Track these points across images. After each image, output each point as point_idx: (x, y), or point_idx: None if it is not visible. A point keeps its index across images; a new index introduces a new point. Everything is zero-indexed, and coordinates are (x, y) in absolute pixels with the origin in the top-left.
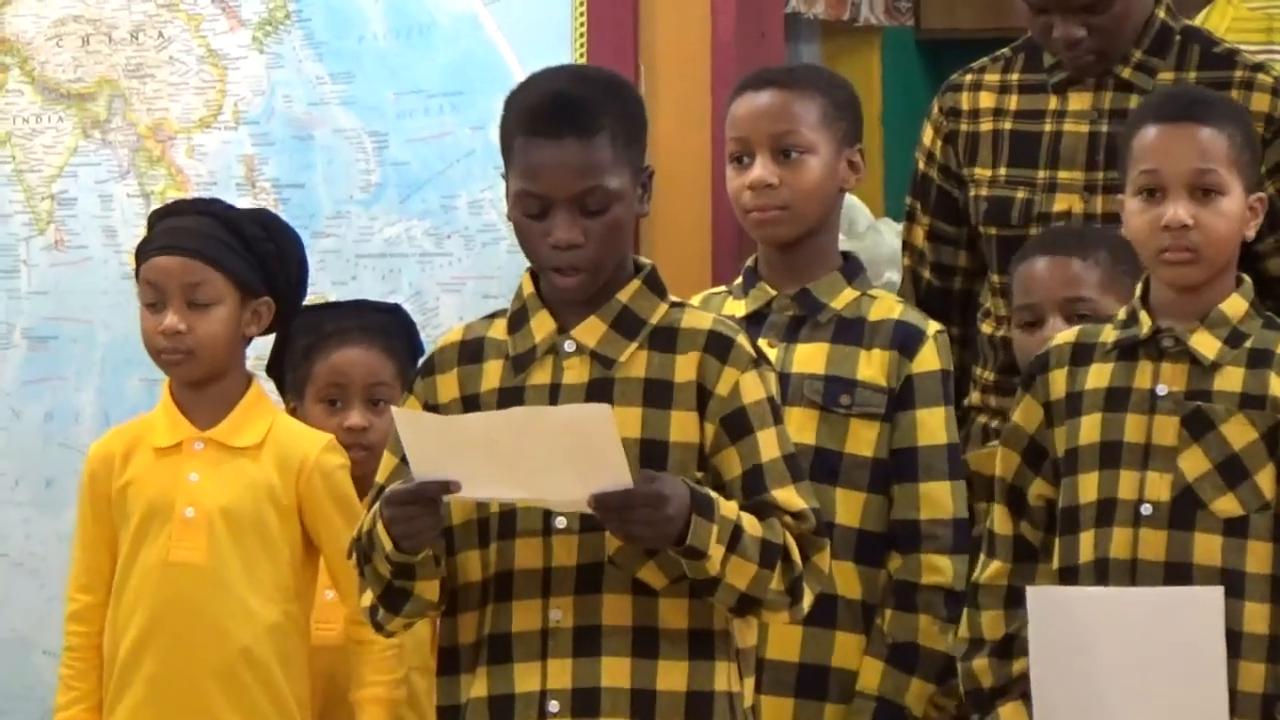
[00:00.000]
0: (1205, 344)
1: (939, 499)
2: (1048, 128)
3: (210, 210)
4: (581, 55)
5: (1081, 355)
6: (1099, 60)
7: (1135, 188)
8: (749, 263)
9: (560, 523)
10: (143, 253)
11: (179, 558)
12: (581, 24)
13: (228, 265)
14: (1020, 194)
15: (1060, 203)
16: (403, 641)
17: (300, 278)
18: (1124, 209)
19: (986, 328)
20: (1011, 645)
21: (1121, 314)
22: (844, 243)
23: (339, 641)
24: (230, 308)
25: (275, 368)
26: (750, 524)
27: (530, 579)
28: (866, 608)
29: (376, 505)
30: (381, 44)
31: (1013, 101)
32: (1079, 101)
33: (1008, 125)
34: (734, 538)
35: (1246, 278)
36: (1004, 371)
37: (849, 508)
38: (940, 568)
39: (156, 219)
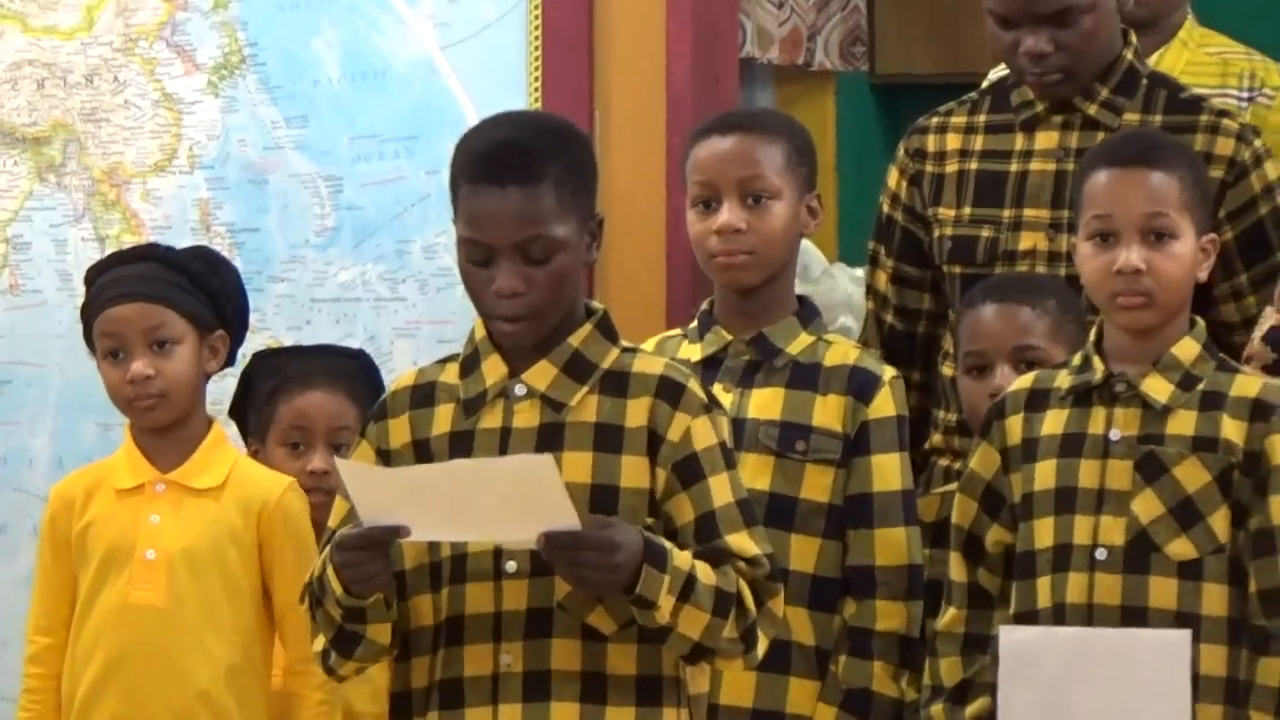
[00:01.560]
0: (1157, 388)
1: (894, 545)
2: (1014, 167)
3: (152, 255)
4: (536, 100)
5: (1037, 401)
6: (1064, 81)
7: (1088, 232)
8: (704, 306)
9: (510, 567)
10: (93, 307)
11: (139, 599)
12: (537, 69)
13: (182, 304)
14: (985, 233)
15: (1025, 241)
16: (334, 700)
17: (243, 308)
18: (1076, 253)
19: (947, 369)
20: (966, 691)
21: (1076, 359)
22: (798, 287)
23: None
24: (191, 345)
25: (238, 411)
26: (704, 573)
27: (481, 623)
28: (821, 653)
29: (327, 549)
30: (336, 88)
31: (978, 142)
32: (1046, 140)
33: (973, 165)
34: (686, 587)
35: (1200, 320)
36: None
37: (803, 553)
38: (895, 614)
39: (96, 273)
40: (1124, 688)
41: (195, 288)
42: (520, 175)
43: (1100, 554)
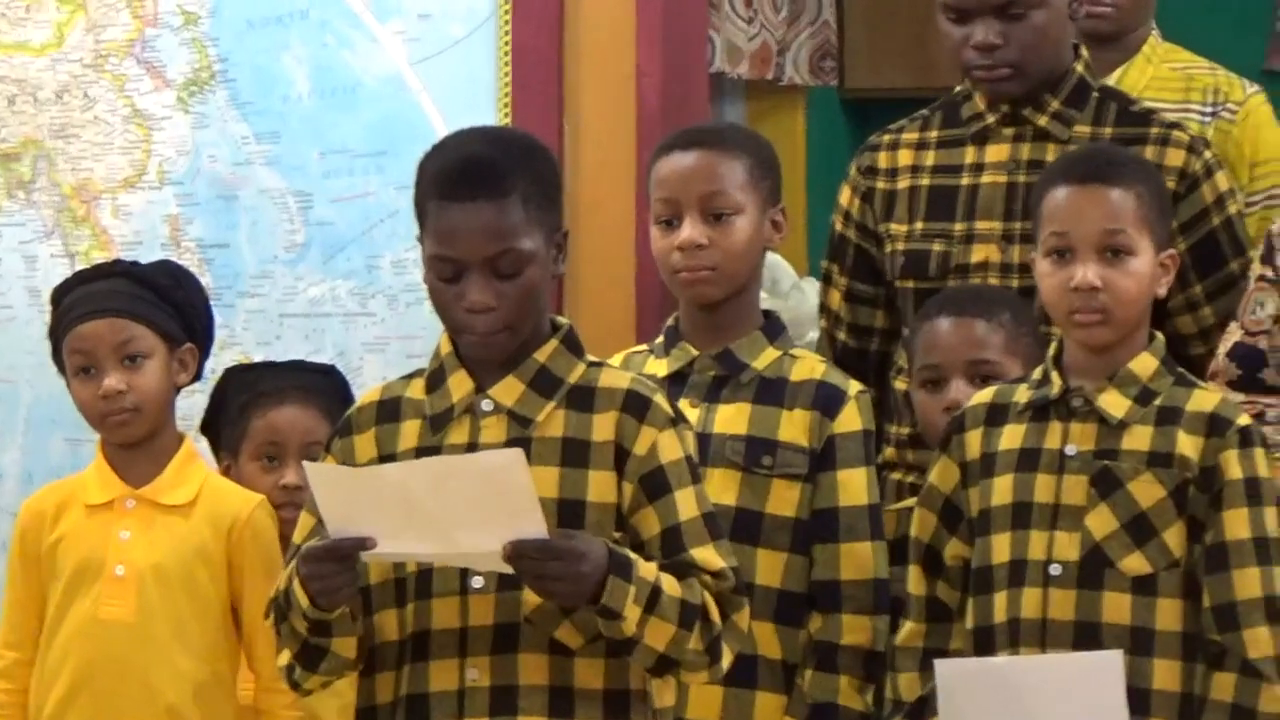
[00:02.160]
0: (1114, 403)
1: (860, 559)
2: (965, 180)
3: (117, 271)
4: (506, 116)
5: (996, 416)
6: (1012, 79)
7: (1045, 249)
8: (669, 322)
9: (477, 582)
10: (61, 326)
11: (108, 615)
12: (506, 84)
13: (151, 318)
14: (937, 246)
15: (977, 253)
16: (304, 715)
17: (209, 321)
18: (1035, 269)
19: (900, 384)
20: (924, 707)
21: (1036, 374)
22: (767, 301)
23: None
24: (161, 359)
25: (210, 426)
26: (669, 585)
27: (447, 639)
28: (787, 668)
29: (293, 563)
30: (306, 104)
31: (930, 157)
32: (996, 153)
33: (925, 181)
34: (652, 599)
35: (1159, 335)
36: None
37: (770, 568)
38: (860, 628)
39: (61, 293)
40: (1062, 712)
41: (162, 301)
42: (489, 189)
43: (1054, 569)
